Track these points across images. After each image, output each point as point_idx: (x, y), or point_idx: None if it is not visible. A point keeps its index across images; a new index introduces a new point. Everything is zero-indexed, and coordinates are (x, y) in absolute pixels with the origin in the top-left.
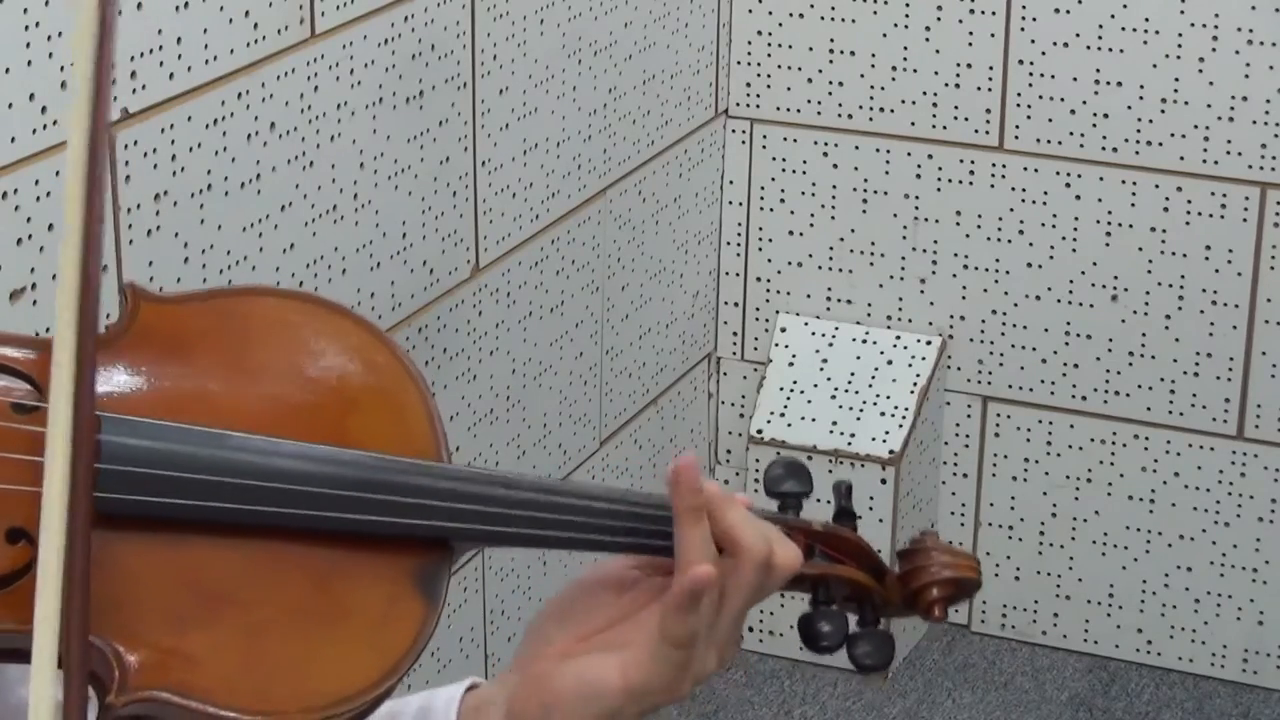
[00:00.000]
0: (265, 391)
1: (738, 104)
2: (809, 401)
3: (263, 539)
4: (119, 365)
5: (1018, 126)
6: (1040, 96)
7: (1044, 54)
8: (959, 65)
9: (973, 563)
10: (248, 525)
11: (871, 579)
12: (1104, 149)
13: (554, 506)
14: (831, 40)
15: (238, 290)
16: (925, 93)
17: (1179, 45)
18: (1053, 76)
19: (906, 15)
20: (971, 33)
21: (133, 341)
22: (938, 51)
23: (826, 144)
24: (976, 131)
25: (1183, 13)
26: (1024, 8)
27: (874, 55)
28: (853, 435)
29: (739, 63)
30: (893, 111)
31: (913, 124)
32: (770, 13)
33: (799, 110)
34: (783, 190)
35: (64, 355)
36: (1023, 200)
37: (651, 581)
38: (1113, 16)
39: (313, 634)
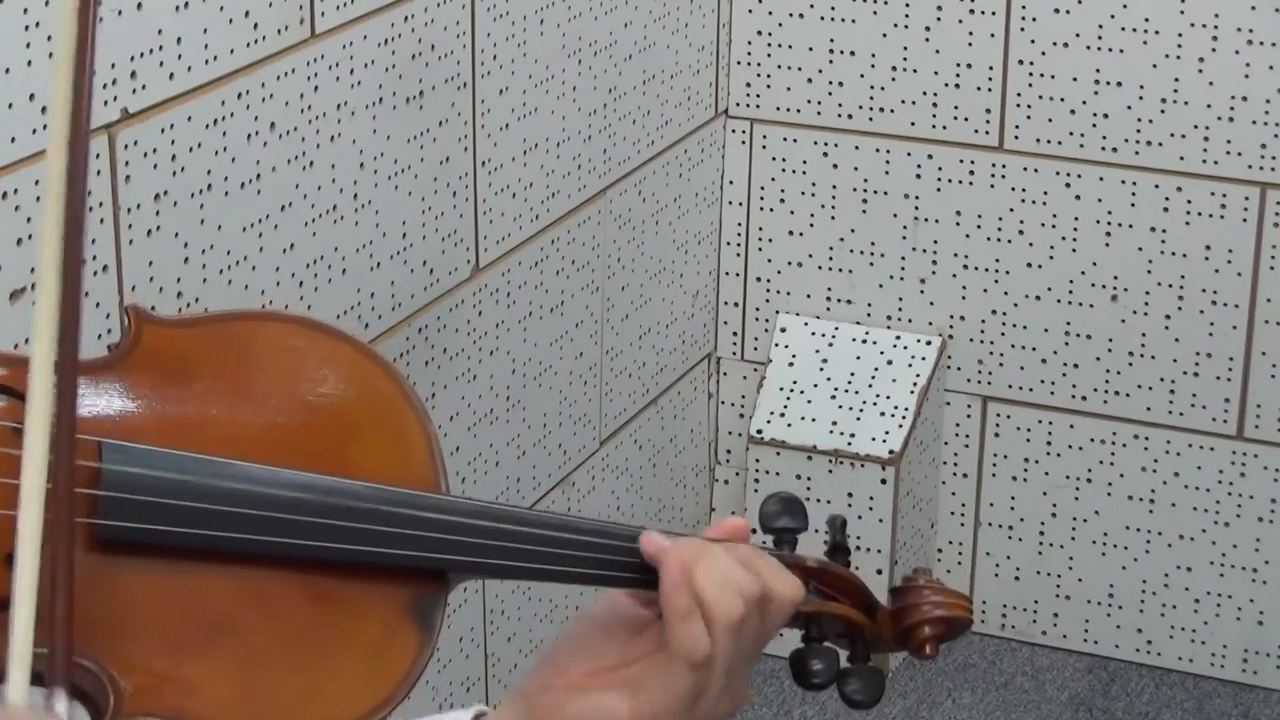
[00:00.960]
0: (266, 418)
1: (738, 104)
2: (809, 401)
3: (260, 567)
4: (121, 389)
5: (1018, 126)
6: (1040, 96)
7: (1044, 54)
8: (959, 65)
9: (964, 602)
10: (246, 553)
11: (864, 616)
12: (1104, 149)
13: (552, 541)
14: (831, 40)
15: (241, 314)
16: (925, 93)
17: (1179, 45)
18: (1053, 76)
19: (906, 15)
20: (971, 33)
21: (135, 365)
22: (938, 51)
23: (826, 144)
24: (976, 131)
25: (1183, 13)
26: (1024, 8)
27: (874, 55)
28: (853, 435)
29: (739, 63)
30: (893, 111)
31: (913, 124)
32: (770, 13)
33: (799, 110)
34: (783, 190)
35: (41, 380)
36: (1023, 200)
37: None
38: (1113, 16)
39: (308, 662)
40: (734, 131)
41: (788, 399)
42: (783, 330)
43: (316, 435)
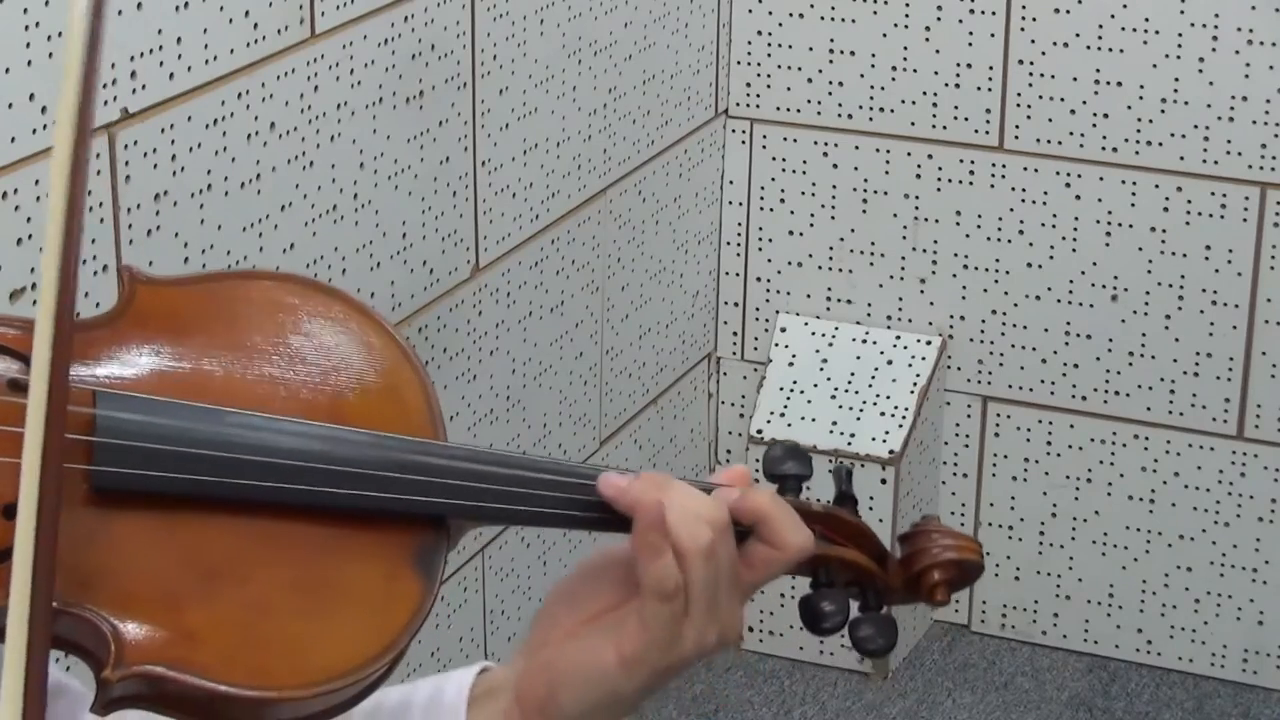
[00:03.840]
0: (261, 372)
1: (738, 104)
2: (809, 401)
3: (261, 516)
4: (116, 345)
5: (1018, 126)
6: (1040, 96)
7: (1044, 54)
8: (959, 65)
9: (974, 545)
10: (245, 501)
11: (873, 563)
12: (1104, 149)
13: (552, 485)
14: (831, 40)
15: (233, 273)
16: (925, 93)
17: (1179, 45)
18: (1053, 76)
19: (906, 15)
20: (971, 33)
21: (129, 322)
22: (938, 51)
23: (826, 144)
24: (976, 131)
25: (1183, 13)
26: (1024, 8)
27: (874, 55)
28: (853, 435)
29: (739, 63)
30: (893, 111)
31: (913, 124)
32: (770, 13)
33: (799, 110)
34: (783, 190)
35: (43, 328)
36: (1023, 200)
37: None
38: (1113, 16)
39: (311, 611)
40: (734, 131)
41: (788, 399)
42: (783, 330)
43: (311, 389)
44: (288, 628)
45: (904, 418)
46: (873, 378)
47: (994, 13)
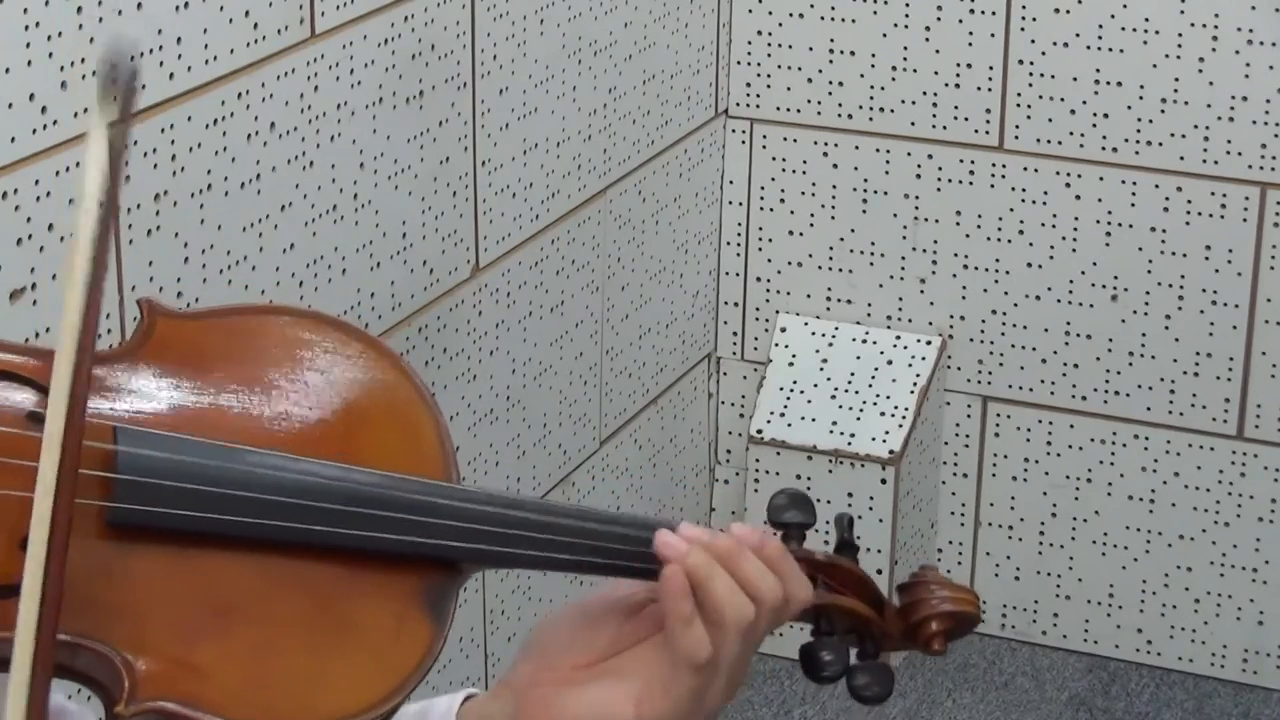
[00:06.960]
0: (277, 409)
1: (738, 104)
2: (809, 401)
3: (274, 554)
4: (134, 379)
5: (1018, 126)
6: (1040, 96)
7: (1044, 54)
8: (959, 65)
9: (972, 597)
10: (260, 540)
11: (872, 611)
12: (1104, 149)
13: (562, 530)
14: (831, 40)
15: (252, 308)
16: (925, 93)
17: (1179, 45)
18: (1053, 76)
19: (906, 15)
20: (971, 33)
21: (148, 356)
22: (938, 51)
23: (826, 144)
24: (976, 131)
25: (1183, 13)
26: (1024, 8)
27: (874, 55)
28: (853, 435)
29: (739, 63)
30: (893, 111)
31: (913, 124)
32: (770, 13)
33: (799, 110)
34: (783, 190)
35: (63, 364)
36: (1023, 200)
37: (657, 607)
38: (1113, 16)
39: (321, 650)
40: (734, 131)
41: (788, 399)
42: (783, 330)
43: (327, 426)
44: (298, 666)
45: (904, 418)
46: (873, 378)
47: (994, 13)
